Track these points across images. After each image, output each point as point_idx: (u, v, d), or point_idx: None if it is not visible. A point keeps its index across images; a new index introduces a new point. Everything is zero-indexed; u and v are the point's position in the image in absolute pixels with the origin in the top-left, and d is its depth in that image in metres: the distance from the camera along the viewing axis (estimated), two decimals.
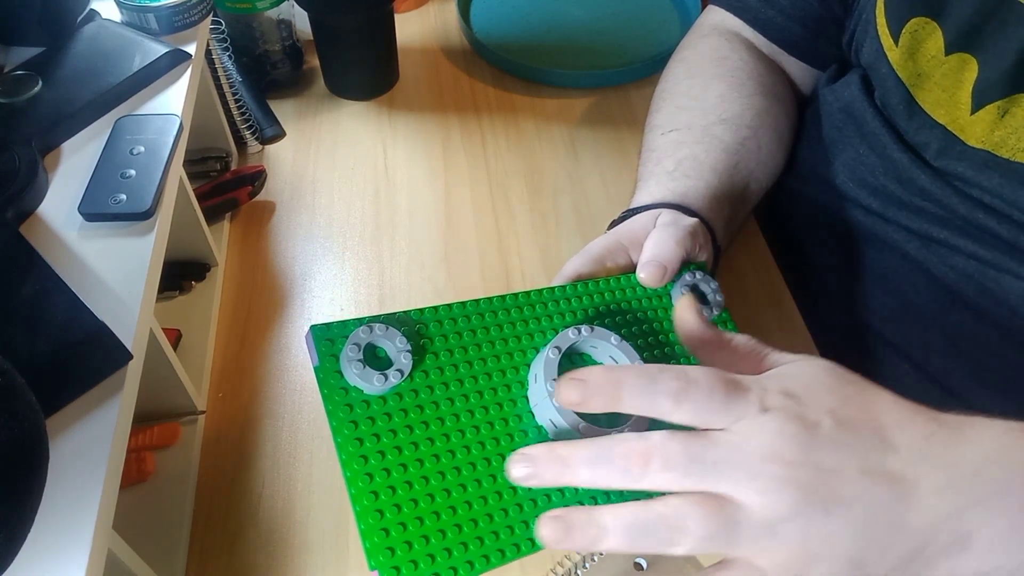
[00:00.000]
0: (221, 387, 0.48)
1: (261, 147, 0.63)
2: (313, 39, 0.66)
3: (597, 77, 0.69)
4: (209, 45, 0.55)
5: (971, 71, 0.42)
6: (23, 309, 0.34)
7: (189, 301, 0.51)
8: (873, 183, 0.51)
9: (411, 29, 0.76)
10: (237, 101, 0.60)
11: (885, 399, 0.29)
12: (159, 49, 0.47)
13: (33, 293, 0.35)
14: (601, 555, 0.40)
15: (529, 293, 0.36)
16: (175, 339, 0.49)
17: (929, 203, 0.47)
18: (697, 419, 0.28)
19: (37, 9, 0.46)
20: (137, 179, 0.40)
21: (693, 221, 0.43)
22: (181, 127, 0.43)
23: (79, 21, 0.49)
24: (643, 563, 0.40)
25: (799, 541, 0.26)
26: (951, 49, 0.43)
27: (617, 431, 0.31)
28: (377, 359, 0.31)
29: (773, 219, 0.59)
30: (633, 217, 0.45)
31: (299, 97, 0.69)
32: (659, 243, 0.40)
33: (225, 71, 0.59)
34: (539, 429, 0.32)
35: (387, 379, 0.30)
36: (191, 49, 0.49)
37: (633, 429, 0.31)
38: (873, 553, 0.27)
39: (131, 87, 0.45)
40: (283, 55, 0.66)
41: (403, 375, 0.30)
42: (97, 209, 0.39)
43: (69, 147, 0.42)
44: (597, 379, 0.28)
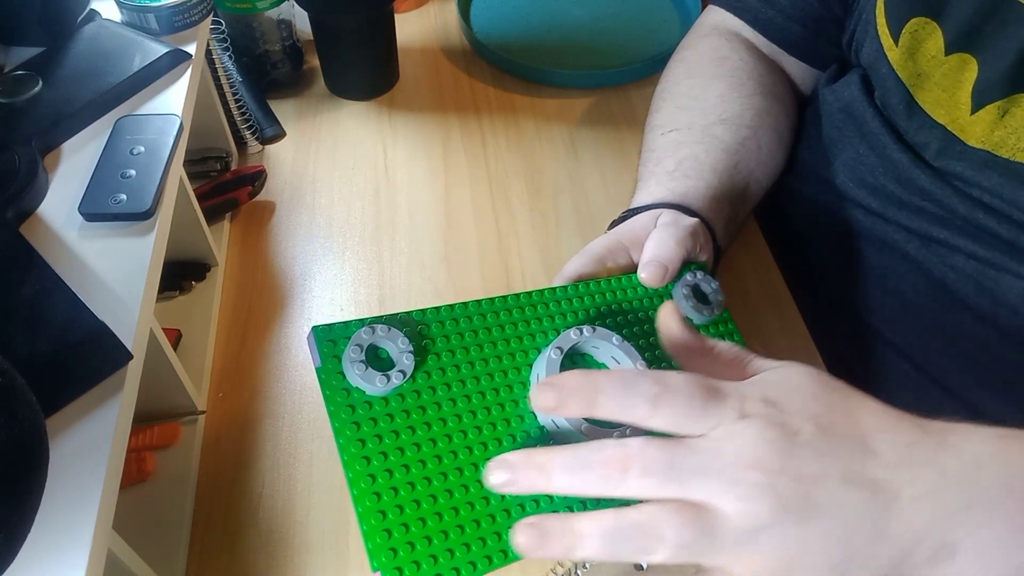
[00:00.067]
0: (221, 387, 0.48)
1: (261, 147, 0.63)
2: (313, 39, 0.66)
3: (597, 77, 0.69)
4: (209, 45, 0.55)
5: (971, 71, 0.42)
6: (23, 309, 0.34)
7: (189, 301, 0.51)
8: (873, 183, 0.51)
9: (411, 29, 0.76)
10: (237, 101, 0.60)
11: (869, 406, 0.29)
12: (159, 49, 0.47)
13: (33, 293, 0.35)
14: None
15: (531, 293, 0.36)
16: (175, 339, 0.49)
17: (929, 203, 0.47)
18: (675, 425, 0.27)
19: (37, 9, 0.46)
20: (137, 179, 0.40)
21: (694, 221, 0.43)
22: (181, 127, 0.43)
23: (79, 21, 0.48)
24: (644, 563, 0.40)
25: (777, 550, 0.26)
26: (951, 49, 0.43)
27: (619, 432, 0.31)
28: (379, 360, 0.31)
29: (773, 219, 0.59)
30: (634, 217, 0.45)
31: (299, 97, 0.68)
32: (660, 243, 0.40)
33: (225, 71, 0.59)
34: (541, 429, 0.32)
35: (389, 380, 0.30)
36: (191, 49, 0.49)
37: (635, 431, 0.31)
38: (854, 562, 0.26)
39: (131, 87, 0.45)
40: (283, 55, 0.66)
41: (405, 376, 0.30)
42: (97, 209, 0.38)
43: (69, 147, 0.42)
44: (573, 384, 0.28)
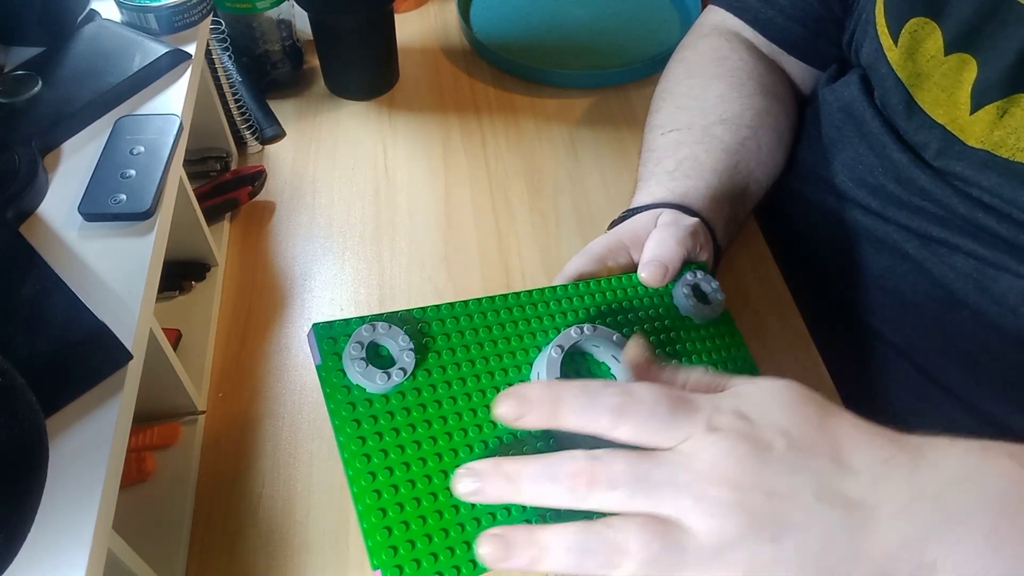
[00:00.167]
0: (221, 387, 0.48)
1: (261, 147, 0.63)
2: (313, 39, 0.66)
3: (597, 77, 0.69)
4: (209, 45, 0.55)
5: (970, 71, 0.42)
6: (23, 309, 0.34)
7: (189, 301, 0.51)
8: (872, 183, 0.51)
9: (411, 29, 0.76)
10: (237, 101, 0.60)
11: (845, 421, 0.28)
12: (159, 49, 0.47)
13: (33, 293, 0.34)
14: None
15: (531, 292, 0.36)
16: (175, 339, 0.48)
17: (928, 203, 0.47)
18: (640, 437, 0.27)
19: (37, 9, 0.46)
20: (137, 179, 0.40)
21: (694, 221, 0.43)
22: (181, 127, 0.43)
23: (79, 21, 0.48)
24: None
25: (746, 569, 0.25)
26: (950, 49, 0.43)
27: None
28: (379, 358, 0.31)
29: (773, 219, 0.59)
30: (634, 217, 0.45)
31: (299, 97, 0.68)
32: (660, 243, 0.40)
33: (225, 71, 0.59)
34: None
35: (390, 378, 0.30)
36: (191, 49, 0.49)
37: None
38: None
39: (131, 87, 0.45)
40: (283, 55, 0.66)
41: (406, 374, 0.30)
42: (97, 209, 0.38)
43: (69, 147, 0.42)
44: (535, 394, 0.28)
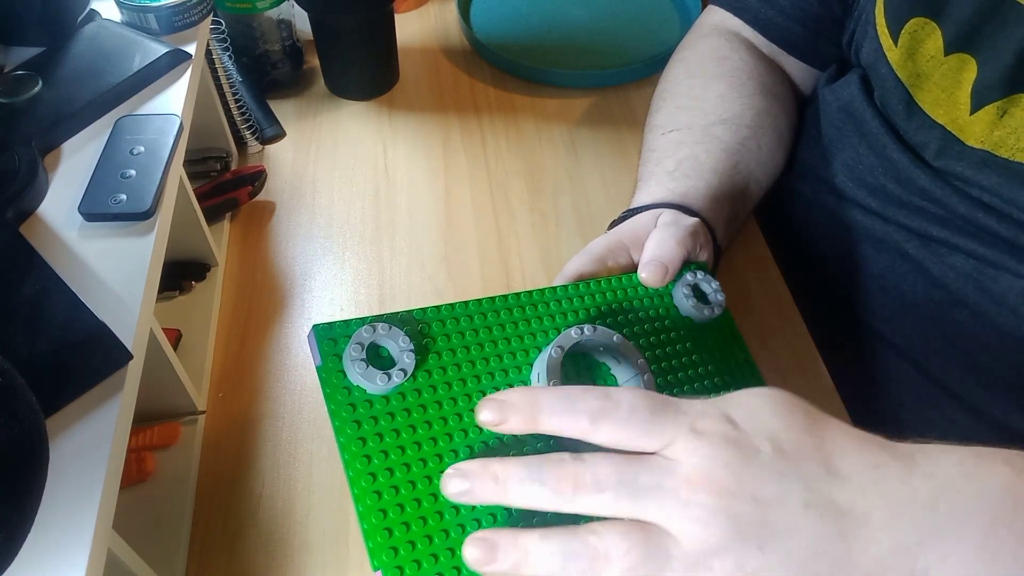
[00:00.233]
0: (221, 387, 0.48)
1: (261, 147, 0.63)
2: (313, 39, 0.66)
3: (597, 77, 0.69)
4: (209, 45, 0.55)
5: (970, 71, 0.42)
6: (23, 309, 0.34)
7: (189, 301, 0.51)
8: (872, 183, 0.51)
9: (411, 29, 0.76)
10: (237, 101, 0.60)
11: (834, 426, 0.28)
12: (159, 49, 0.47)
13: (33, 293, 0.34)
14: None
15: (531, 293, 0.36)
16: (175, 339, 0.48)
17: (928, 203, 0.47)
18: (620, 439, 0.26)
19: (37, 9, 0.46)
20: (137, 179, 0.40)
21: (694, 221, 0.43)
22: (181, 127, 0.43)
23: (79, 21, 0.48)
24: None
25: None
26: (950, 49, 0.43)
27: None
28: (380, 359, 0.31)
29: (773, 219, 0.59)
30: (634, 217, 0.45)
31: (299, 97, 0.68)
32: (660, 243, 0.40)
33: (225, 71, 0.59)
34: None
35: (390, 378, 0.30)
36: (191, 49, 0.49)
37: None
38: None
39: (131, 87, 0.45)
40: (283, 55, 0.66)
41: (406, 374, 0.30)
42: (97, 209, 0.38)
43: (69, 147, 0.42)
44: (515, 399, 0.28)
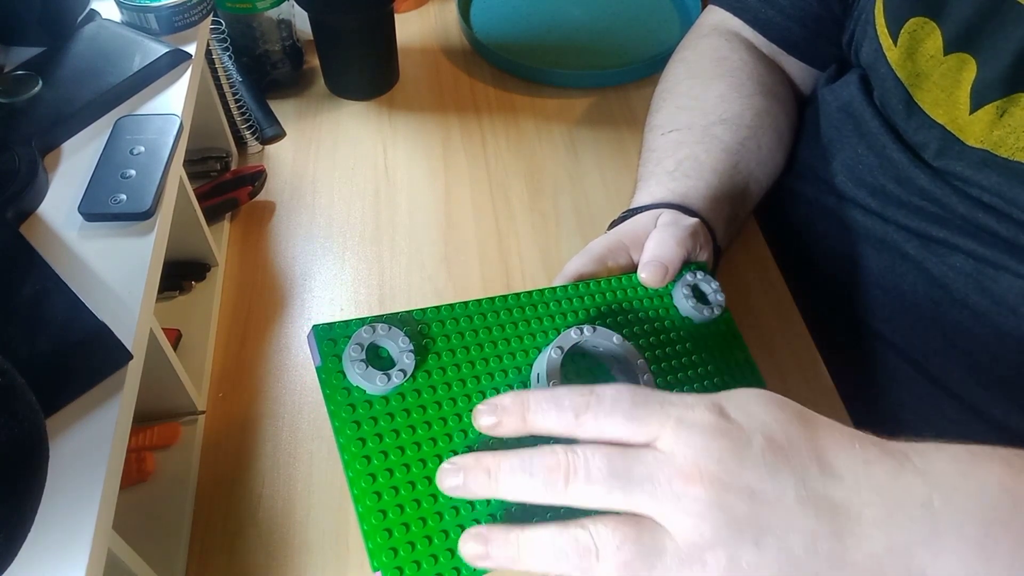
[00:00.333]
0: (221, 387, 0.48)
1: (261, 147, 0.63)
2: (313, 39, 0.66)
3: (597, 77, 0.69)
4: (209, 45, 0.55)
5: (970, 71, 0.42)
6: (23, 309, 0.34)
7: (189, 301, 0.51)
8: (872, 183, 0.51)
9: (411, 29, 0.76)
10: (237, 101, 0.60)
11: (825, 423, 0.27)
12: (159, 49, 0.47)
13: (33, 293, 0.34)
14: None
15: (531, 293, 0.36)
16: (175, 339, 0.48)
17: (928, 202, 0.47)
18: (602, 432, 0.27)
19: (37, 9, 0.46)
20: (137, 179, 0.40)
21: (694, 221, 0.43)
22: (181, 127, 0.43)
23: (79, 21, 0.48)
24: None
25: (723, 572, 0.24)
26: (950, 49, 0.43)
27: None
28: (379, 359, 0.31)
29: (773, 219, 0.59)
30: (634, 217, 0.45)
31: (299, 97, 0.68)
32: (660, 243, 0.40)
33: (225, 71, 0.59)
34: None
35: (390, 379, 0.30)
36: (191, 49, 0.48)
37: None
38: None
39: (131, 87, 0.45)
40: (283, 55, 0.66)
41: (406, 375, 0.30)
42: (97, 209, 0.38)
43: (69, 147, 0.42)
44: (506, 402, 0.28)
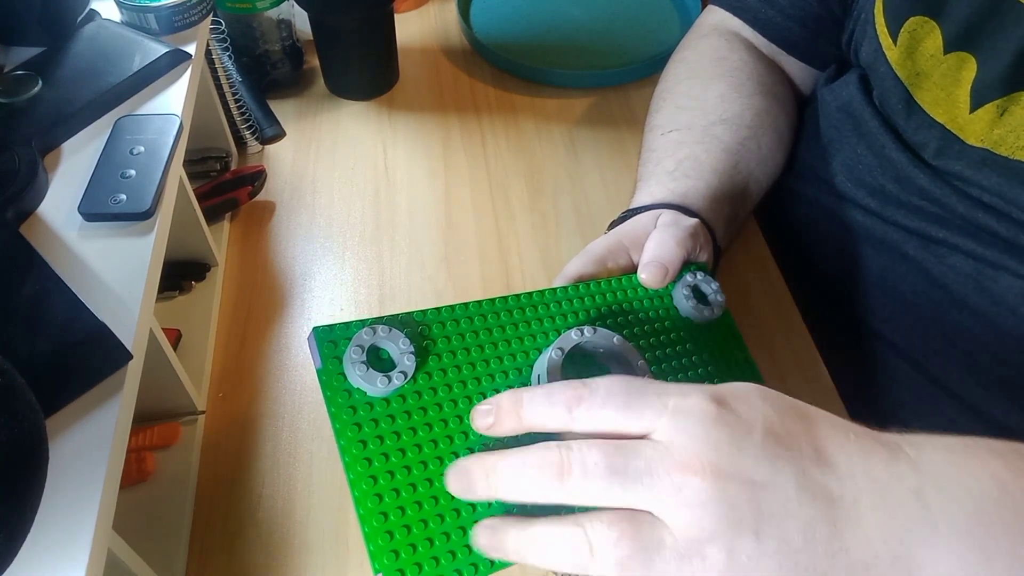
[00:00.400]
0: (221, 387, 0.48)
1: (261, 147, 0.63)
2: (313, 39, 0.66)
3: (597, 77, 0.69)
4: (209, 45, 0.55)
5: (970, 70, 0.42)
6: (23, 309, 0.34)
7: (189, 301, 0.51)
8: (871, 183, 0.51)
9: (411, 29, 0.76)
10: (237, 101, 0.60)
11: (821, 414, 0.27)
12: (159, 49, 0.47)
13: (33, 293, 0.34)
14: None
15: (531, 294, 0.36)
16: (175, 339, 0.48)
17: (927, 202, 0.47)
18: (596, 424, 0.26)
19: (37, 9, 0.46)
20: (137, 179, 0.40)
21: (694, 222, 0.43)
22: (181, 127, 0.43)
23: (79, 21, 0.48)
24: None
25: (724, 565, 0.24)
26: (950, 48, 0.43)
27: None
28: (380, 361, 0.31)
29: (773, 219, 0.59)
30: (634, 217, 0.45)
31: (299, 97, 0.68)
32: (660, 244, 0.40)
33: (225, 71, 0.59)
34: None
35: (390, 381, 0.30)
36: (191, 49, 0.48)
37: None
38: None
39: (131, 87, 0.45)
40: (283, 55, 0.66)
41: (406, 377, 0.30)
42: (97, 209, 0.38)
43: (69, 147, 0.42)
44: (503, 401, 0.28)
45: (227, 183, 0.57)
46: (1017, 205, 0.42)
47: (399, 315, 0.32)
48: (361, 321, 0.31)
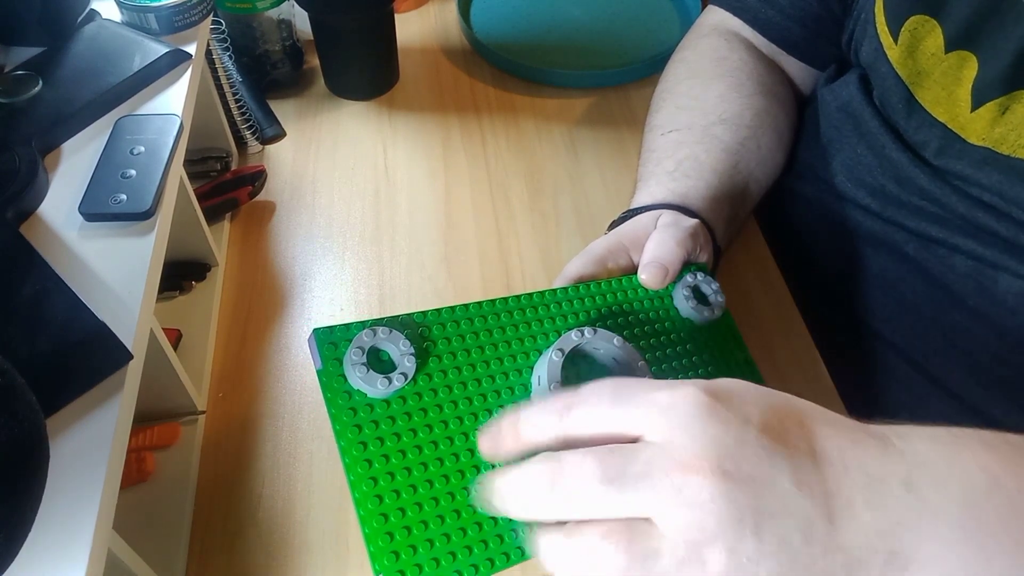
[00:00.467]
0: (221, 387, 0.48)
1: (261, 147, 0.63)
2: (313, 39, 0.66)
3: (597, 77, 0.69)
4: (209, 45, 0.55)
5: (971, 68, 0.42)
6: (23, 309, 0.34)
7: (189, 301, 0.51)
8: (871, 183, 0.51)
9: (411, 29, 0.76)
10: (237, 101, 0.60)
11: (811, 408, 0.27)
12: (159, 49, 0.46)
13: (33, 293, 0.34)
14: None
15: (531, 295, 0.36)
16: (175, 339, 0.48)
17: (928, 202, 0.47)
18: (587, 427, 0.26)
19: (37, 9, 0.46)
20: (137, 179, 0.40)
21: (694, 222, 0.43)
22: (181, 127, 0.43)
23: (79, 21, 0.48)
24: None
25: (724, 568, 0.23)
26: (951, 47, 0.43)
27: None
28: (380, 362, 0.31)
29: (773, 219, 0.59)
30: (634, 218, 0.45)
31: (299, 97, 0.68)
32: (660, 244, 0.40)
33: (225, 71, 0.59)
34: None
35: (391, 382, 0.30)
36: (191, 49, 0.48)
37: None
38: None
39: (131, 87, 0.45)
40: (283, 55, 0.66)
41: (407, 378, 0.30)
42: (97, 209, 0.38)
43: (69, 147, 0.42)
44: (501, 423, 0.28)
45: (227, 183, 0.57)
46: (1018, 204, 0.42)
47: (399, 316, 0.32)
48: (361, 322, 0.31)
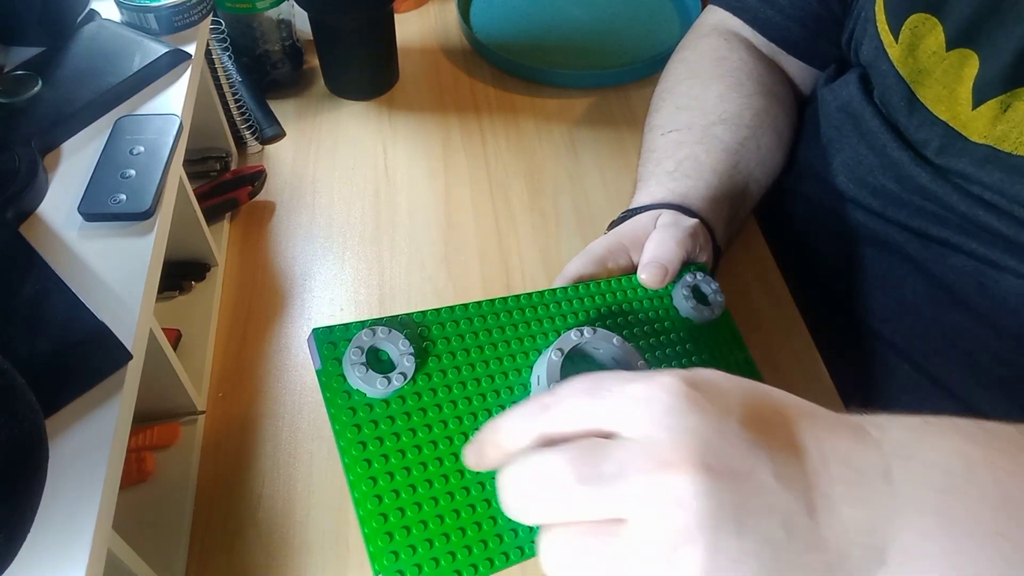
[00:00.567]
0: (221, 387, 0.48)
1: (261, 147, 0.63)
2: (313, 39, 0.66)
3: (597, 77, 0.69)
4: (209, 45, 0.55)
5: (972, 66, 0.42)
6: (23, 309, 0.34)
7: (189, 301, 0.51)
8: (872, 182, 0.51)
9: (411, 29, 0.76)
10: (237, 101, 0.60)
11: (786, 397, 0.26)
12: (159, 49, 0.47)
13: (33, 293, 0.34)
14: None
15: (531, 295, 0.36)
16: (175, 339, 0.48)
17: (929, 202, 0.47)
18: (561, 425, 0.25)
19: (37, 9, 0.46)
20: (137, 179, 0.40)
21: (693, 222, 0.43)
22: (181, 127, 0.43)
23: (79, 21, 0.48)
24: None
25: (703, 568, 0.22)
26: (952, 45, 0.43)
27: None
28: (380, 362, 0.31)
29: (773, 219, 0.59)
30: (634, 217, 0.45)
31: (299, 97, 0.68)
32: (660, 244, 0.40)
33: (225, 71, 0.59)
34: None
35: (390, 382, 0.30)
36: (191, 49, 0.48)
37: None
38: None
39: (131, 87, 0.45)
40: (283, 55, 0.66)
41: (406, 378, 0.30)
42: (97, 209, 0.38)
43: (69, 147, 0.42)
44: (482, 434, 0.27)
45: (227, 183, 0.57)
46: (1019, 202, 0.42)
47: (399, 316, 0.32)
48: (361, 322, 0.31)
